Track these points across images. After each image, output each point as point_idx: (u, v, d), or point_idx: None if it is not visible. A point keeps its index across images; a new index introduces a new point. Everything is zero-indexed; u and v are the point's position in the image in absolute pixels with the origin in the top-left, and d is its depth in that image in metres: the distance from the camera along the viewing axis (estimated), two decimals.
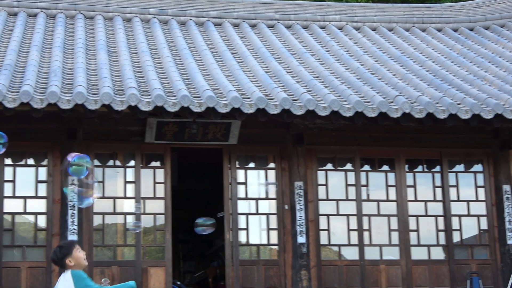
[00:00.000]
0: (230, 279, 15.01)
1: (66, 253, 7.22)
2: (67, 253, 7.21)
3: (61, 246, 7.34)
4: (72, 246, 7.30)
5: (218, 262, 19.38)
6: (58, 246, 7.40)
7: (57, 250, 7.28)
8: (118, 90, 13.85)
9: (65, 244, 7.46)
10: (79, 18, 18.41)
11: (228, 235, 15.14)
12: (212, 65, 15.98)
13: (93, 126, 14.69)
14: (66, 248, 7.28)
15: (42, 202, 14.60)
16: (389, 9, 21.26)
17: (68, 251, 7.23)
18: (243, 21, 19.44)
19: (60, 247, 7.32)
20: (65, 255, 7.21)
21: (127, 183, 14.99)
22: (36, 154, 14.79)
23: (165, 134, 14.79)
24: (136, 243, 14.76)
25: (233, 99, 13.65)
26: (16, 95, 13.05)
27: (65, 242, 7.42)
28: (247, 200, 15.36)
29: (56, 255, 7.24)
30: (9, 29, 17.35)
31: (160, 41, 17.37)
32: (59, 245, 7.43)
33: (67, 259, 7.20)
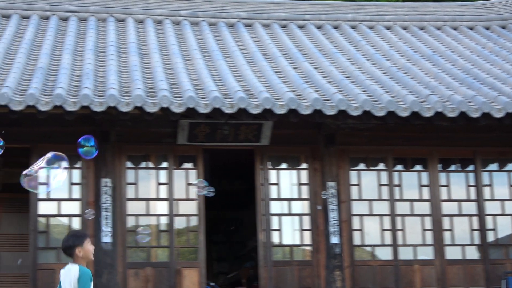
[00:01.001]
0: (263, 280, 15.00)
1: (78, 243, 7.15)
2: (79, 243, 7.15)
3: (74, 235, 7.27)
4: (85, 237, 7.25)
5: (251, 263, 19.37)
6: (70, 234, 7.30)
7: (69, 238, 7.19)
8: (150, 92, 13.90)
9: (78, 233, 7.41)
10: (110, 21, 18.52)
11: (261, 236, 15.13)
12: (243, 66, 15.99)
13: (125, 128, 14.76)
14: (79, 238, 7.21)
15: (76, 204, 14.69)
16: (420, 8, 21.16)
17: (80, 241, 7.16)
18: (273, 22, 19.44)
19: (73, 235, 7.25)
20: (77, 245, 7.14)
21: (159, 184, 15.03)
22: (69, 156, 14.79)
23: (197, 135, 14.82)
24: (169, 244, 14.79)
25: (265, 100, 13.65)
26: (49, 98, 13.14)
27: (78, 231, 7.33)
28: (280, 201, 15.34)
29: (68, 242, 7.15)
30: (42, 33, 17.50)
31: (191, 42, 17.43)
32: (72, 233, 7.35)
33: (77, 248, 7.14)
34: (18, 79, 14.13)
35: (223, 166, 19.74)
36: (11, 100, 12.93)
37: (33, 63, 15.34)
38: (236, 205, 21.72)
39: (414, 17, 20.39)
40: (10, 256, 17.79)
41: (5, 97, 12.92)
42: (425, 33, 19.61)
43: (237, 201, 21.60)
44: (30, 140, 14.63)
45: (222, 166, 19.65)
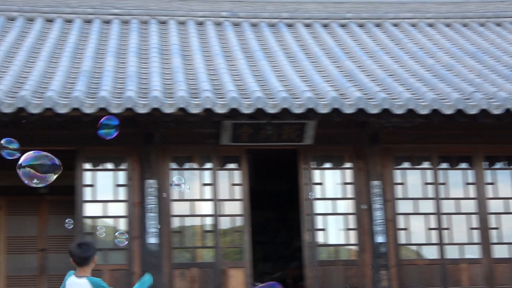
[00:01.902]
0: (309, 280, 14.98)
1: (94, 253, 7.20)
2: (94, 253, 7.21)
3: (89, 245, 7.26)
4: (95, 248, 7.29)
5: (297, 263, 19.33)
6: (86, 243, 7.27)
7: (88, 248, 7.16)
8: (193, 94, 13.96)
9: (90, 243, 7.39)
10: (152, 23, 18.64)
11: (306, 235, 15.11)
12: (285, 66, 15.99)
13: (169, 130, 14.83)
14: (94, 248, 7.25)
15: (122, 206, 14.80)
16: (462, 4, 20.99)
17: (95, 252, 7.21)
18: (315, 21, 19.42)
19: (89, 245, 7.24)
20: (93, 254, 7.18)
21: (204, 185, 15.09)
22: (114, 158, 14.99)
23: (240, 136, 14.84)
24: (214, 244, 14.84)
25: (308, 100, 13.63)
26: (94, 101, 13.25)
27: (86, 241, 7.32)
28: (324, 201, 15.30)
29: (89, 252, 7.14)
30: (85, 36, 17.66)
31: (233, 43, 17.47)
32: (87, 243, 7.32)
33: (94, 258, 7.19)
34: (63, 83, 14.29)
35: (267, 166, 19.75)
36: (57, 104, 13.06)
37: (77, 66, 15.49)
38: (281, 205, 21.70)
39: (457, 14, 20.23)
40: (57, 257, 17.98)
41: (50, 100, 13.05)
42: (468, 30, 19.45)
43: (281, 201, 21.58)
44: (76, 143, 14.77)
45: (266, 166, 19.66)
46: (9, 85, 13.94)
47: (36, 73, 14.72)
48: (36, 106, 13.04)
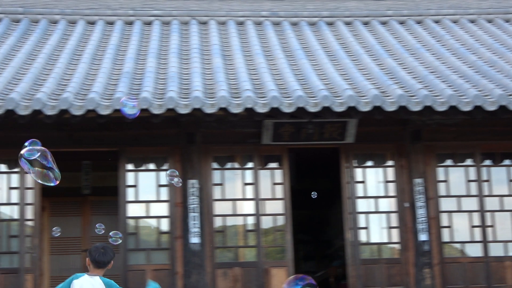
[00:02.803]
0: (352, 278, 14.94)
1: (113, 257, 7.26)
2: (113, 257, 7.26)
3: (109, 248, 7.32)
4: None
5: (339, 262, 19.31)
6: (108, 247, 7.31)
7: (108, 252, 7.22)
8: (234, 93, 13.98)
9: (111, 248, 7.42)
10: (193, 24, 18.70)
11: (348, 234, 15.07)
12: (326, 65, 15.96)
13: (211, 130, 14.88)
14: (114, 252, 7.33)
15: (164, 206, 14.87)
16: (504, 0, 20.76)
17: (114, 256, 7.30)
18: (355, 19, 19.34)
19: (108, 249, 7.28)
20: (113, 258, 7.24)
21: (245, 184, 15.11)
22: (156, 159, 15.07)
23: (281, 135, 14.84)
24: (256, 244, 14.85)
25: (349, 98, 13.58)
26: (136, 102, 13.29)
27: (104, 245, 7.37)
28: (366, 199, 15.24)
29: (110, 256, 7.21)
30: (126, 38, 17.78)
31: (273, 42, 17.48)
32: (108, 247, 7.34)
33: (112, 262, 7.26)
34: (105, 84, 14.40)
35: (308, 165, 19.73)
36: (99, 105, 13.17)
37: (119, 68, 15.60)
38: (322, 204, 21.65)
39: (499, 10, 20.00)
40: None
41: (93, 101, 13.16)
42: (511, 26, 19.23)
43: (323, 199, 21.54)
44: (118, 144, 14.88)
45: (307, 165, 19.64)
46: (52, 87, 14.09)
47: (78, 75, 14.85)
48: (79, 107, 13.15)
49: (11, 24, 18.43)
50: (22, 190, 14.68)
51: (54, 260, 18.15)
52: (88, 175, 18.36)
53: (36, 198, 14.68)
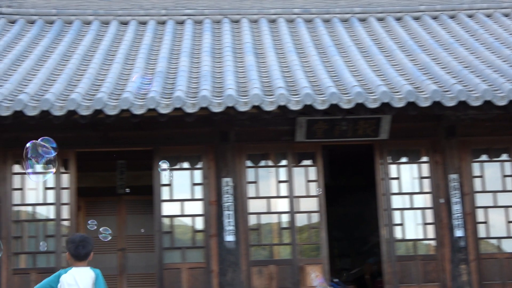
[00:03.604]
0: (387, 275, 14.88)
1: (93, 248, 7.31)
2: (93, 249, 7.30)
3: (88, 239, 7.31)
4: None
5: (374, 259, 19.25)
6: (86, 239, 7.29)
7: (88, 242, 7.23)
8: (267, 91, 13.98)
9: (91, 239, 7.40)
10: (225, 22, 18.73)
11: (383, 231, 15.01)
12: (359, 61, 15.90)
13: (244, 128, 14.89)
14: (93, 243, 7.33)
15: (199, 204, 14.91)
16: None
17: (93, 247, 7.32)
18: (388, 15, 19.25)
19: (88, 240, 7.28)
20: (92, 249, 7.30)
21: (279, 182, 15.10)
22: (190, 157, 15.12)
23: (315, 132, 14.81)
24: (291, 241, 14.84)
25: (382, 94, 13.53)
26: (169, 101, 13.38)
27: (83, 235, 7.39)
28: (401, 195, 15.17)
29: (89, 247, 7.24)
30: (159, 37, 17.85)
31: (306, 40, 17.45)
32: (87, 238, 7.32)
33: (92, 253, 7.29)
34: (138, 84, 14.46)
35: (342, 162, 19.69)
36: (133, 104, 13.23)
37: (152, 67, 15.66)
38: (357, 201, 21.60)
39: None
40: (137, 256, 18.23)
41: (127, 101, 13.23)
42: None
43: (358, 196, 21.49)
44: (152, 143, 14.94)
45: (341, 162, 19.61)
46: (86, 87, 14.18)
47: (112, 75, 14.94)
48: (113, 107, 13.23)
49: (45, 25, 18.59)
50: (58, 190, 14.80)
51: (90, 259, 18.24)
52: (123, 175, 18.46)
53: (71, 198, 14.79)
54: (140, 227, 18.08)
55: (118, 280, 18.22)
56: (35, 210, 15.02)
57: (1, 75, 15.01)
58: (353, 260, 22.15)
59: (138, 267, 18.21)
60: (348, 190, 21.55)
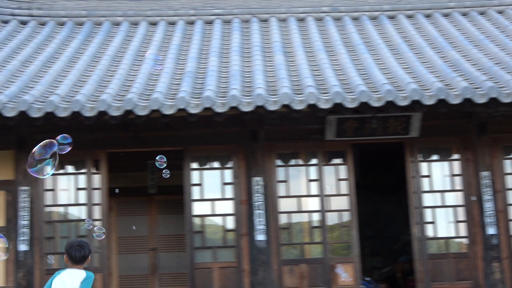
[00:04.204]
0: (419, 273, 14.81)
1: (90, 252, 7.43)
2: (91, 252, 7.42)
3: (86, 244, 7.43)
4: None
5: (406, 257, 19.16)
6: (84, 243, 7.40)
7: (85, 247, 7.35)
8: (297, 90, 13.97)
9: (88, 243, 7.52)
10: (254, 22, 18.75)
11: (414, 229, 14.94)
12: (388, 59, 15.84)
13: (274, 127, 14.89)
14: (90, 248, 7.45)
15: (229, 204, 14.93)
16: None
17: (91, 251, 7.43)
18: (417, 12, 19.16)
19: (85, 244, 7.40)
20: (90, 253, 7.41)
21: (310, 181, 15.08)
22: (220, 157, 15.14)
23: (345, 130, 14.78)
24: (322, 240, 14.82)
25: (413, 91, 13.47)
26: (199, 101, 13.42)
27: (81, 240, 7.52)
28: (432, 193, 15.10)
29: (87, 251, 7.34)
30: (188, 37, 17.90)
31: (335, 38, 17.41)
32: (85, 243, 7.44)
33: (89, 257, 7.37)
34: (168, 84, 14.51)
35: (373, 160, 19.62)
36: (163, 105, 13.28)
37: (181, 68, 15.71)
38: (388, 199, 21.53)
39: None
40: (168, 256, 18.28)
41: (157, 101, 13.28)
42: None
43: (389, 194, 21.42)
44: (182, 143, 14.99)
45: (372, 160, 19.53)
46: (117, 88, 14.26)
47: (142, 76, 15.00)
48: (143, 108, 13.30)
49: (75, 27, 18.71)
50: (90, 190, 14.89)
51: (122, 259, 18.37)
52: (153, 175, 18.53)
53: (103, 198, 14.87)
54: (172, 227, 18.13)
55: (149, 280, 18.29)
56: (67, 211, 15.13)
57: (32, 77, 15.13)
58: (385, 258, 22.06)
59: (170, 266, 18.26)
60: (379, 188, 21.48)
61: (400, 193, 17.17)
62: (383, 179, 21.64)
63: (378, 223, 22.14)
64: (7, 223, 14.73)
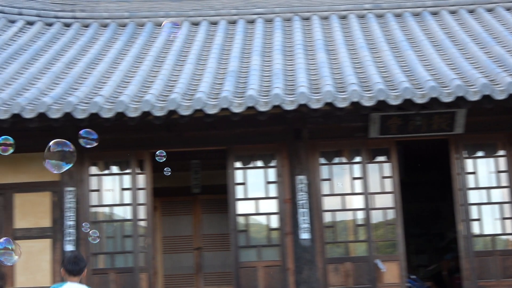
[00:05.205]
0: (465, 271, 14.68)
1: (86, 264, 7.44)
2: (86, 264, 7.45)
3: (81, 256, 7.46)
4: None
5: (452, 255, 19.02)
6: (79, 256, 7.45)
7: (81, 260, 7.38)
8: (340, 88, 13.93)
9: (83, 256, 7.56)
10: (295, 20, 18.73)
11: (460, 226, 14.81)
12: (432, 55, 15.72)
13: (317, 125, 14.85)
14: (85, 260, 7.48)
15: (273, 203, 14.93)
16: None
17: (87, 263, 7.46)
18: (460, 8, 18.98)
19: (80, 257, 7.43)
20: (86, 265, 7.44)
21: (354, 179, 15.03)
22: (264, 156, 15.15)
23: (389, 128, 14.70)
24: (367, 238, 14.76)
25: (457, 88, 13.35)
26: (242, 100, 13.44)
27: (75, 253, 7.58)
28: (478, 190, 14.95)
29: (83, 264, 7.38)
30: (230, 37, 17.93)
31: (377, 35, 17.32)
32: (80, 255, 7.50)
33: (86, 268, 7.40)
34: (211, 84, 14.56)
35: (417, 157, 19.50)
36: (206, 104, 13.33)
37: (224, 67, 15.74)
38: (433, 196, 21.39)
39: None
40: (212, 255, 18.34)
41: (200, 101, 13.33)
42: None
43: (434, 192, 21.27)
44: (226, 142, 15.02)
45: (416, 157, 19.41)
46: (160, 88, 14.34)
47: (184, 76, 15.07)
48: (187, 108, 13.35)
49: (118, 28, 18.85)
50: (134, 190, 14.98)
51: (167, 259, 18.48)
52: (197, 174, 18.61)
53: (148, 198, 14.96)
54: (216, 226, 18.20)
55: (194, 279, 18.37)
56: (112, 211, 15.25)
57: (77, 78, 15.27)
58: (430, 256, 21.93)
59: (214, 266, 18.33)
60: (423, 185, 21.34)
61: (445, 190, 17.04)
62: (427, 176, 21.50)
63: (424, 221, 22.00)
64: (53, 223, 14.89)
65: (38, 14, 19.19)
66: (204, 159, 18.21)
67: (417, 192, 21.05)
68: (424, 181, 21.42)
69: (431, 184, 21.36)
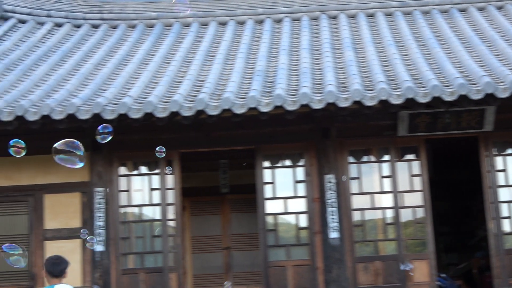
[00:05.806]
0: (496, 269, 14.58)
1: (67, 265, 7.41)
2: (68, 266, 7.42)
3: (63, 258, 7.44)
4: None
5: (482, 253, 18.89)
6: (60, 258, 7.43)
7: (63, 261, 7.37)
8: (368, 86, 13.89)
9: (64, 258, 7.52)
10: (323, 19, 18.70)
11: (490, 224, 14.71)
12: (460, 52, 15.63)
13: (345, 124, 14.81)
14: (67, 261, 7.45)
15: (302, 202, 14.91)
16: None
17: (68, 264, 7.43)
18: (488, 4, 18.89)
19: (62, 258, 7.42)
20: (67, 267, 7.41)
21: (383, 177, 14.97)
22: (292, 155, 15.14)
23: (417, 126, 14.63)
24: (396, 237, 14.70)
25: (486, 85, 13.27)
26: (269, 99, 13.43)
27: (61, 256, 7.59)
28: (509, 188, 14.84)
29: (65, 265, 7.37)
30: (257, 36, 17.93)
31: (405, 33, 17.26)
32: (60, 257, 7.45)
33: (66, 271, 7.39)
34: (239, 83, 14.57)
35: (447, 155, 19.40)
36: (234, 104, 13.34)
37: (251, 66, 15.75)
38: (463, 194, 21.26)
39: None
40: (241, 255, 18.35)
41: (228, 101, 13.35)
42: None
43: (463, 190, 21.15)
44: (254, 142, 15.02)
45: (446, 155, 19.32)
46: (188, 89, 14.37)
47: (212, 76, 15.10)
48: (215, 107, 13.38)
49: (145, 29, 18.93)
50: (163, 191, 15.02)
51: (196, 259, 18.51)
52: (225, 174, 18.63)
53: (176, 198, 15.00)
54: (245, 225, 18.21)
55: (223, 278, 18.38)
56: (141, 211, 15.31)
57: (105, 79, 15.35)
58: (460, 254, 21.81)
59: (243, 265, 18.34)
60: (453, 183, 21.22)
61: (475, 188, 16.93)
62: (457, 174, 21.38)
63: (453, 219, 21.89)
64: (83, 224, 14.96)
65: (66, 16, 19.32)
66: (232, 159, 18.23)
67: (447, 190, 20.93)
68: (453, 179, 21.30)
69: (460, 182, 21.23)
